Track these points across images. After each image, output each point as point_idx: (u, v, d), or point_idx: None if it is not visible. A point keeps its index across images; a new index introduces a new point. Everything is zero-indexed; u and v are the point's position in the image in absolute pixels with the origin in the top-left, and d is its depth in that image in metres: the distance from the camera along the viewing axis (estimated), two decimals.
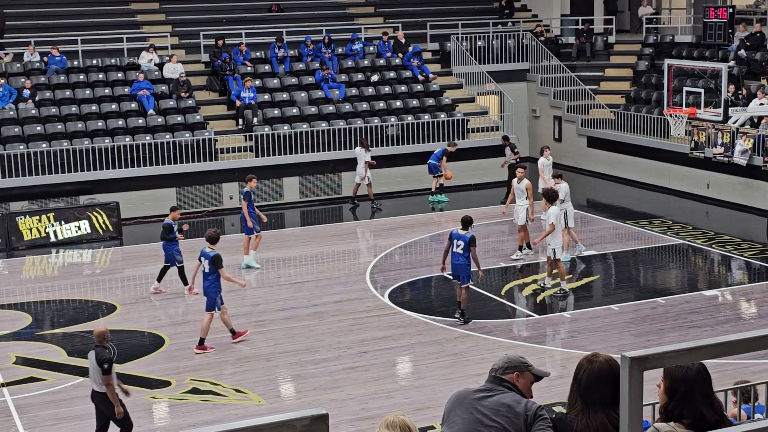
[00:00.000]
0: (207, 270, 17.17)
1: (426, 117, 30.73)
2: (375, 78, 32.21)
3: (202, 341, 17.22)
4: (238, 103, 29.79)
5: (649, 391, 3.83)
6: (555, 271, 19.95)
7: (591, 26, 36.23)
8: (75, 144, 27.15)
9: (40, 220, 24.73)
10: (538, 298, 19.90)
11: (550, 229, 19.61)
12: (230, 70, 30.74)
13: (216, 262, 17.02)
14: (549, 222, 19.75)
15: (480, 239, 24.48)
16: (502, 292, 20.26)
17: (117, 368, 16.41)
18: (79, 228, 25.04)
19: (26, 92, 28.44)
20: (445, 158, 28.00)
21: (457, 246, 18.15)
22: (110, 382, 12.92)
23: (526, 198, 22.15)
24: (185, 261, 20.61)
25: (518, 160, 27.36)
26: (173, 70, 30.28)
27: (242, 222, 22.51)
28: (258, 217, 22.04)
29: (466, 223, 18.26)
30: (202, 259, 17.38)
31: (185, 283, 20.27)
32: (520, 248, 22.48)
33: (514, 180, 22.83)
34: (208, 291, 17.20)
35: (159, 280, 20.62)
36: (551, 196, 20.05)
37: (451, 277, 19.00)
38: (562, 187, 21.78)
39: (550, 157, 25.68)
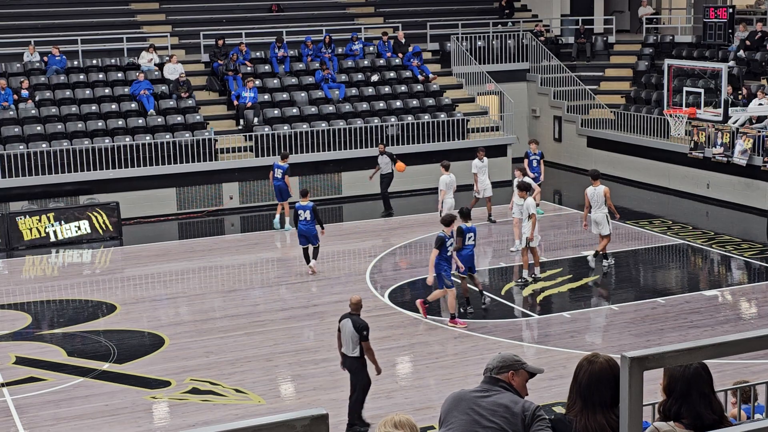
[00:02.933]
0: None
1: (426, 117, 30.72)
2: (375, 78, 32.21)
3: (453, 316, 18.04)
4: (236, 103, 29.79)
5: (649, 391, 3.83)
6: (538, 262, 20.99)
7: (587, 27, 36.21)
8: (75, 144, 27.15)
9: (40, 220, 24.73)
10: (538, 298, 19.90)
11: (534, 220, 20.37)
12: (233, 69, 30.75)
13: (460, 233, 18.30)
14: (530, 212, 20.44)
15: (480, 239, 24.53)
16: (502, 292, 20.26)
17: (116, 368, 16.46)
18: (79, 228, 25.04)
19: (24, 92, 28.43)
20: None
21: (470, 239, 18.69)
22: (370, 347, 13.90)
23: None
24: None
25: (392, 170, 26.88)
26: (173, 70, 30.29)
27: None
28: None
29: (466, 214, 18.91)
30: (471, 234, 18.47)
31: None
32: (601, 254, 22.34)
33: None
34: (438, 268, 17.94)
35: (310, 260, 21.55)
36: (527, 187, 21.13)
37: (460, 273, 18.96)
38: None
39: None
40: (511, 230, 25.41)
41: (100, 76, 30.03)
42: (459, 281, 18.96)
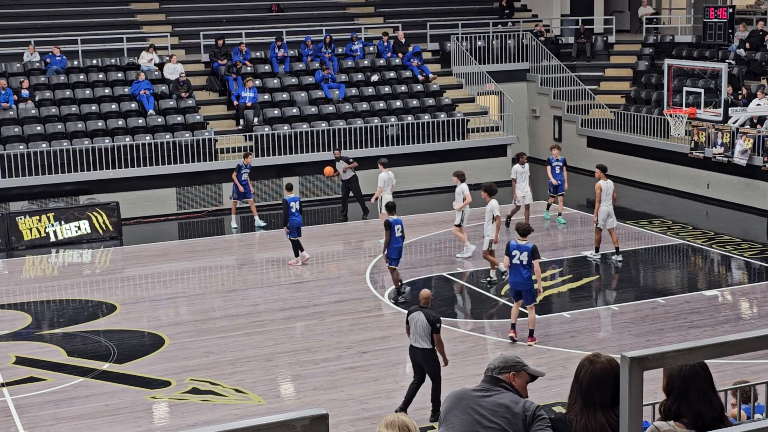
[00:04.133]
0: (525, 262, 16.68)
1: (426, 117, 30.72)
2: (375, 78, 32.21)
3: (531, 333, 17.15)
4: (235, 103, 29.80)
5: (649, 391, 3.83)
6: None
7: (587, 27, 36.21)
8: (75, 144, 27.15)
9: (40, 220, 24.73)
10: (538, 298, 19.87)
11: (498, 222, 20.56)
12: (236, 72, 30.76)
13: (534, 253, 16.64)
14: (495, 214, 20.53)
15: (480, 239, 24.52)
16: (502, 292, 20.25)
17: (116, 368, 16.45)
18: (79, 228, 25.04)
19: (25, 92, 28.44)
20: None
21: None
22: (441, 339, 14.09)
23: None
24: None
25: (354, 169, 26.50)
26: (173, 70, 30.29)
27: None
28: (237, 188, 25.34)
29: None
30: (518, 252, 16.70)
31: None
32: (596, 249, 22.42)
33: (600, 182, 22.14)
34: (528, 283, 16.85)
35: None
36: (492, 189, 20.75)
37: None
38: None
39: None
40: (510, 230, 25.43)
41: (100, 76, 30.03)
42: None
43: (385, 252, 19.57)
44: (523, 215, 24.77)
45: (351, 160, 26.49)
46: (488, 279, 20.89)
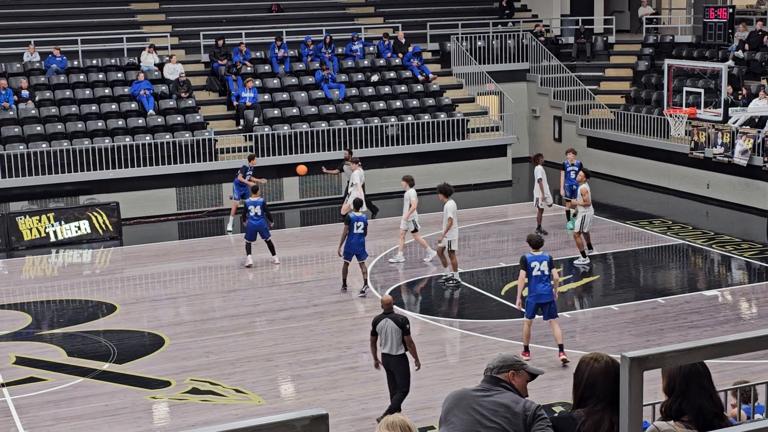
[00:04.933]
0: (547, 272, 15.96)
1: (426, 117, 30.72)
2: (375, 78, 32.21)
3: (561, 347, 16.16)
4: (235, 103, 29.80)
5: (649, 392, 3.83)
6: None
7: (587, 27, 36.21)
8: (75, 144, 27.15)
9: (40, 220, 24.73)
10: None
11: (449, 223, 20.32)
12: (236, 72, 30.76)
13: (552, 262, 16.12)
14: (447, 216, 20.41)
15: (480, 239, 24.56)
16: (502, 292, 20.26)
17: (116, 369, 16.45)
18: (79, 228, 25.04)
19: (25, 92, 28.44)
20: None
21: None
22: (412, 340, 13.96)
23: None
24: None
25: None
26: (173, 70, 30.29)
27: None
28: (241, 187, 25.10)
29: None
30: (537, 263, 15.99)
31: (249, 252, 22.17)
32: (583, 254, 22.02)
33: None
34: (551, 295, 16.09)
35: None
36: (447, 191, 20.62)
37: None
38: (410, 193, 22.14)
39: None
40: (510, 231, 25.44)
41: (100, 76, 30.04)
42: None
43: (341, 247, 19.98)
44: (536, 218, 24.64)
45: (358, 161, 26.59)
46: (445, 278, 20.96)
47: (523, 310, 16.33)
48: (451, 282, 20.82)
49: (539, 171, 24.28)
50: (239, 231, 25.30)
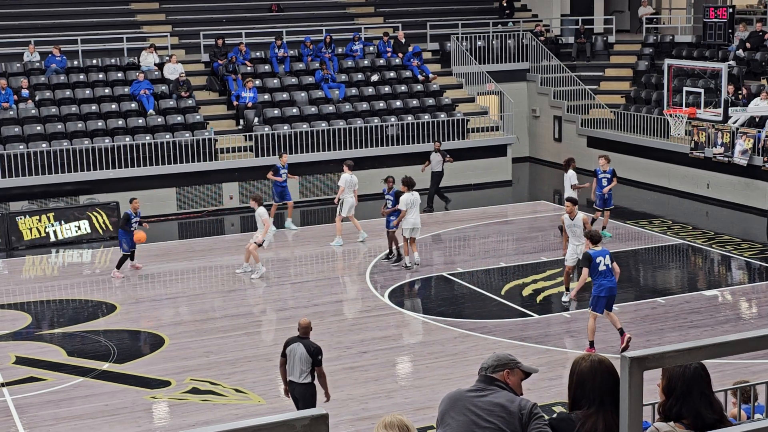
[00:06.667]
0: (610, 266, 16.22)
1: (426, 117, 30.72)
2: (375, 78, 32.21)
3: (591, 344, 16.47)
4: (235, 103, 29.79)
5: (649, 391, 3.83)
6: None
7: (587, 26, 36.21)
8: (75, 144, 27.15)
9: (39, 220, 24.73)
10: (538, 298, 19.90)
11: (403, 214, 21.36)
12: (233, 70, 30.75)
13: (612, 256, 16.40)
14: (402, 208, 21.35)
15: (479, 239, 24.56)
16: (502, 292, 20.26)
17: (117, 368, 16.45)
18: (79, 228, 25.04)
19: (25, 92, 28.44)
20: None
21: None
22: (324, 372, 13.15)
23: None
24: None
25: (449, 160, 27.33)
26: (173, 70, 30.29)
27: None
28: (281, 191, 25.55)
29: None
30: (601, 258, 16.15)
31: (119, 266, 21.86)
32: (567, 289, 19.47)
33: (565, 216, 19.43)
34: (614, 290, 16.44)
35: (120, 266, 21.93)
36: (411, 183, 21.64)
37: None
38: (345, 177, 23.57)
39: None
40: (509, 231, 25.47)
41: (100, 76, 30.03)
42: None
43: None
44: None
45: (447, 156, 27.24)
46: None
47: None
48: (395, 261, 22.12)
49: (572, 177, 22.89)
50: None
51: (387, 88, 31.92)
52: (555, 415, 5.40)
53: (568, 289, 19.20)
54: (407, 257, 21.91)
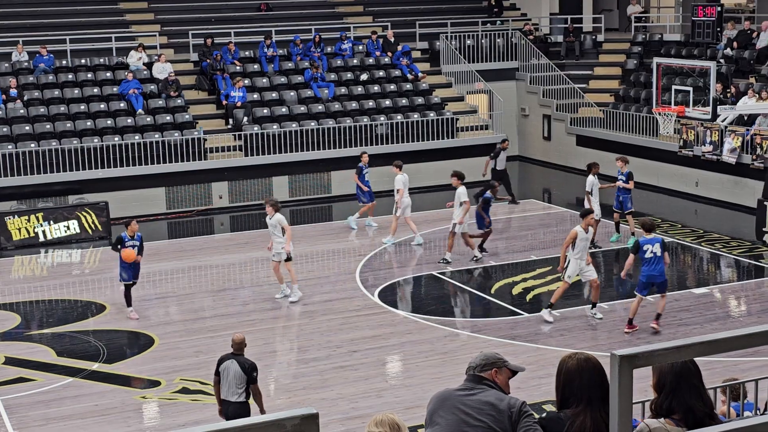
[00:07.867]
0: (659, 254, 17.32)
1: (415, 116, 30.72)
2: (364, 77, 32.20)
3: (658, 316, 17.74)
4: (224, 102, 29.75)
5: (639, 390, 3.84)
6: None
7: (576, 25, 36.25)
8: (64, 144, 27.08)
9: (28, 220, 24.66)
10: (528, 297, 19.91)
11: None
12: (220, 69, 30.70)
13: (664, 244, 17.55)
14: (462, 200, 21.60)
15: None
16: (492, 291, 20.27)
17: (106, 369, 16.42)
18: (68, 228, 24.98)
19: (13, 92, 28.36)
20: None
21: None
22: (259, 390, 12.64)
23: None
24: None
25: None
26: (162, 69, 30.23)
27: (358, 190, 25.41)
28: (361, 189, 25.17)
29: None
30: (650, 246, 17.28)
31: (128, 303, 19.16)
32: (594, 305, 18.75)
33: (579, 229, 18.18)
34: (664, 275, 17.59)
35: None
36: (462, 176, 22.17)
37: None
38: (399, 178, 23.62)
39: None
40: (504, 229, 25.46)
41: (89, 75, 29.96)
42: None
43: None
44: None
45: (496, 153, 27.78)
46: (444, 260, 22.06)
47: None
48: (441, 261, 22.11)
49: (590, 182, 22.67)
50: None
51: (376, 87, 31.92)
52: (544, 415, 5.41)
53: (552, 306, 18.29)
54: (474, 250, 22.20)
